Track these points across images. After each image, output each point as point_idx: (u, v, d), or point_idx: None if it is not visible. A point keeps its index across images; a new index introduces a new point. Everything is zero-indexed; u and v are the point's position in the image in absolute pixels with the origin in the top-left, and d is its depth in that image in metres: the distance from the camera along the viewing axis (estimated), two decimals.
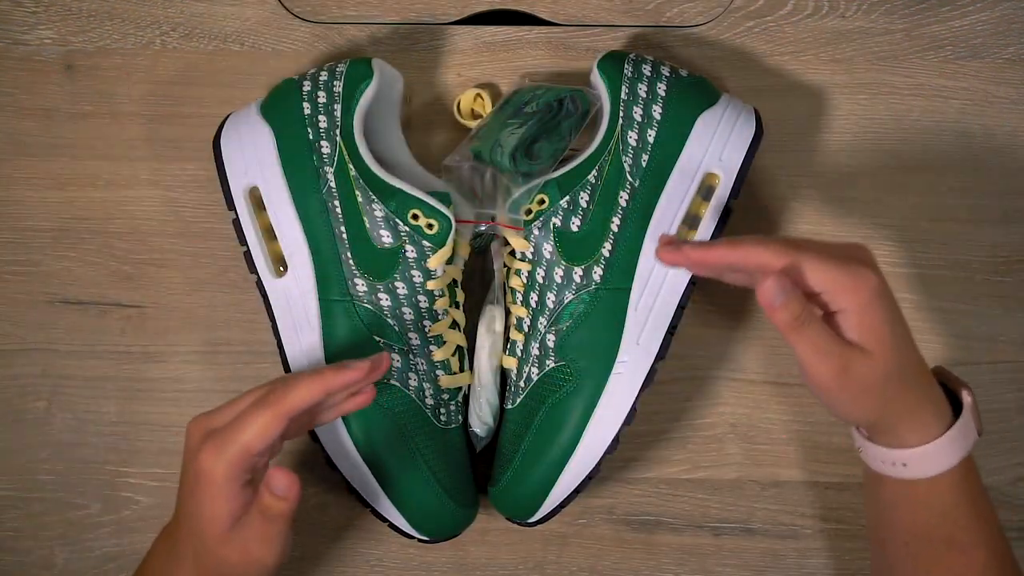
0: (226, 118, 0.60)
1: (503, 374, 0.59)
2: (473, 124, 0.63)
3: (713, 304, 0.63)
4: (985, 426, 0.62)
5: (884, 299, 0.48)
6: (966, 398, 0.51)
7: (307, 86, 0.58)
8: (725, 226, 0.57)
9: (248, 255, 0.57)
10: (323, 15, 0.65)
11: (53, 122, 0.64)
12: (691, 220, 0.57)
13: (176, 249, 0.64)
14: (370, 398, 0.52)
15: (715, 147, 0.57)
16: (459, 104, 0.64)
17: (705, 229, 0.57)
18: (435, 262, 0.56)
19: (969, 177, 0.64)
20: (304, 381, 0.49)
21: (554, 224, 0.57)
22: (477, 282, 0.62)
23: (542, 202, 0.57)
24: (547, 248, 0.57)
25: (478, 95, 0.63)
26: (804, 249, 0.48)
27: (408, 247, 0.56)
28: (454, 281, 0.58)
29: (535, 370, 0.57)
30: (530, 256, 0.57)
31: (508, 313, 0.59)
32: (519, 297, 0.58)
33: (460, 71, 0.65)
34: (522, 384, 0.58)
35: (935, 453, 0.50)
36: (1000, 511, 0.62)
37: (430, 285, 0.56)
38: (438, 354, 0.56)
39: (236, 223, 0.58)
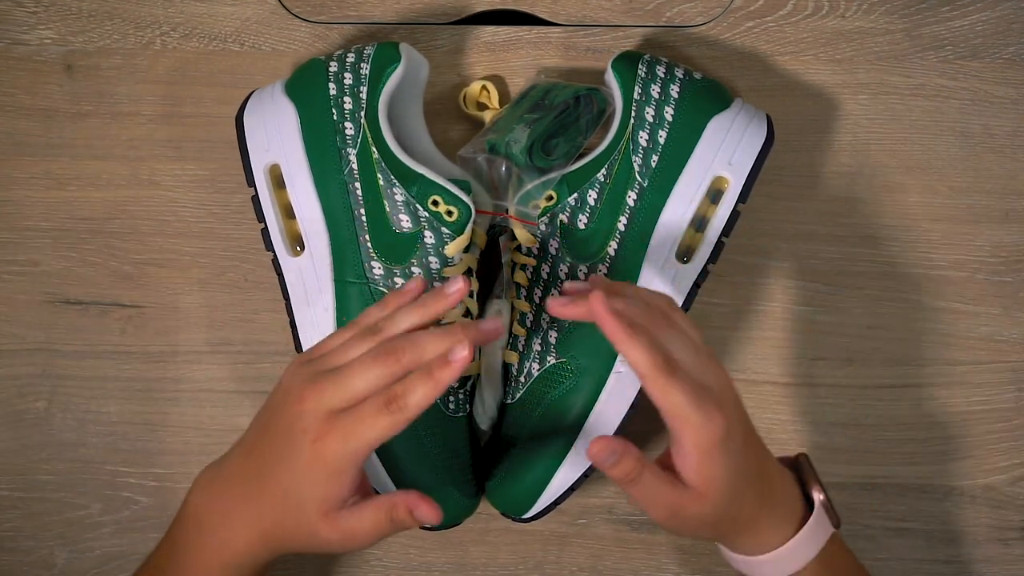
0: (250, 94, 0.60)
1: (505, 369, 0.59)
2: (479, 115, 0.63)
3: (715, 305, 0.63)
4: (985, 426, 0.63)
5: (725, 446, 0.49)
6: (816, 496, 0.53)
7: (333, 67, 0.58)
8: (732, 229, 0.57)
9: (265, 232, 0.57)
10: (323, 15, 0.65)
11: (53, 122, 0.64)
12: (698, 222, 0.57)
13: (176, 249, 0.64)
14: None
15: (725, 150, 0.57)
16: (465, 96, 0.64)
17: (712, 232, 0.57)
18: (453, 249, 0.56)
19: (969, 177, 0.64)
20: (423, 386, 0.48)
21: (561, 221, 0.57)
22: (480, 276, 0.62)
23: (550, 198, 0.57)
24: (553, 244, 0.57)
25: (484, 87, 0.63)
26: (670, 373, 0.48)
27: (427, 233, 0.56)
28: (469, 270, 0.58)
29: (536, 366, 0.57)
30: (536, 252, 0.57)
31: (512, 308, 0.59)
32: (523, 292, 0.58)
33: (460, 71, 0.65)
34: (522, 379, 0.58)
35: (782, 558, 0.51)
36: (1000, 511, 0.62)
37: (447, 272, 0.56)
38: None
39: (255, 200, 0.57)
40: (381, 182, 0.56)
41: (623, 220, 0.56)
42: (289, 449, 0.49)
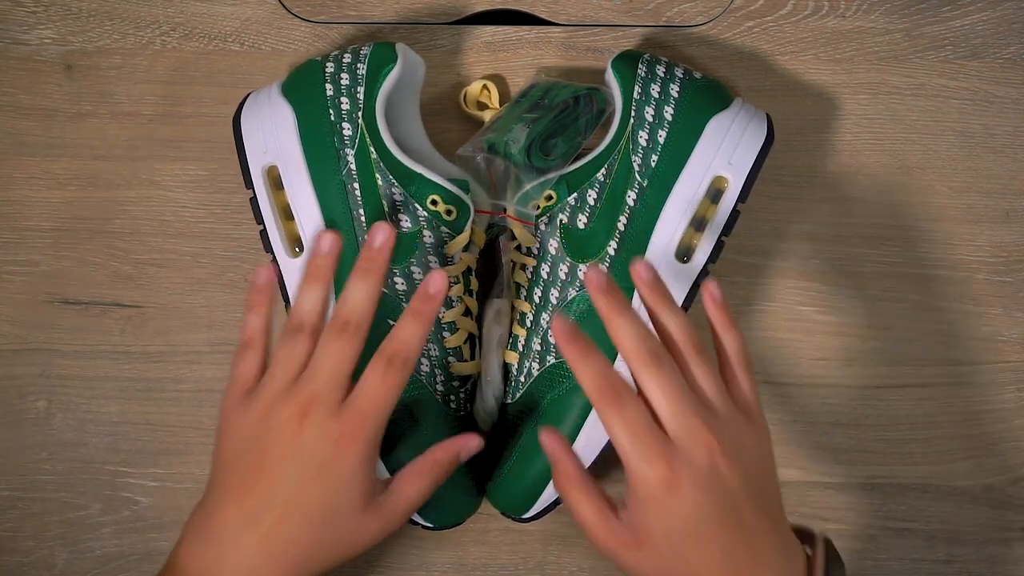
0: (246, 96, 0.60)
1: (505, 368, 0.59)
2: (479, 114, 0.63)
3: None
4: (985, 426, 0.63)
5: (667, 500, 0.46)
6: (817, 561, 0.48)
7: (330, 67, 0.58)
8: (732, 229, 0.57)
9: (264, 234, 0.57)
10: (323, 15, 0.65)
11: (53, 122, 0.64)
12: (698, 222, 0.57)
13: (176, 249, 0.64)
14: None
15: (725, 150, 0.57)
16: (465, 95, 0.64)
17: (712, 232, 0.57)
18: (452, 248, 0.56)
19: (969, 177, 0.64)
20: (411, 326, 0.50)
21: (561, 220, 0.57)
22: (480, 276, 0.62)
23: (549, 198, 0.57)
24: (553, 244, 0.57)
25: (484, 86, 0.63)
26: (615, 405, 0.47)
27: (426, 232, 0.56)
28: (469, 269, 0.58)
29: (536, 365, 0.57)
30: (536, 251, 0.57)
31: (512, 308, 0.59)
32: (523, 292, 0.58)
33: (460, 71, 0.65)
34: (522, 379, 0.58)
35: None
36: (1000, 511, 0.62)
37: (446, 271, 0.56)
38: (451, 341, 0.56)
39: (253, 201, 0.57)
40: (380, 182, 0.56)
41: (623, 220, 0.56)
42: (304, 472, 0.48)
